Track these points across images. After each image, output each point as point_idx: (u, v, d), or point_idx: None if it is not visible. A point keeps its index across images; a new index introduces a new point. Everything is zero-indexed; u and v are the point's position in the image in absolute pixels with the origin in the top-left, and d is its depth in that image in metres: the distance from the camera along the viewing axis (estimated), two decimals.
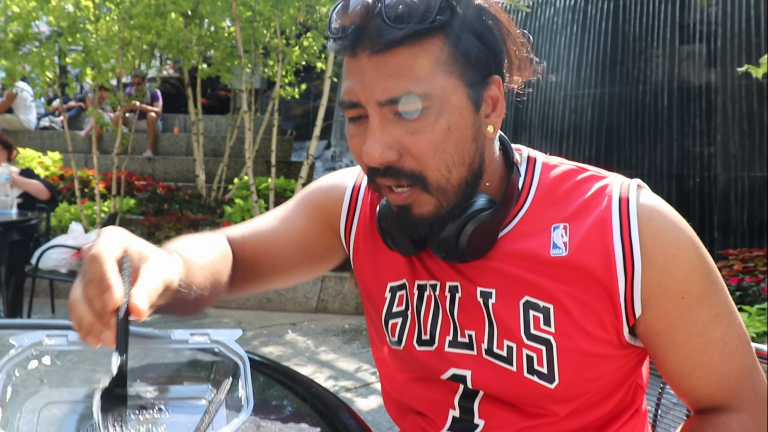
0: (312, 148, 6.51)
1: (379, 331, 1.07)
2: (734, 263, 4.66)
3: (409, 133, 0.85)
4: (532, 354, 0.92)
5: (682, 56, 6.18)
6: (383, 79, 0.83)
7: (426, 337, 1.00)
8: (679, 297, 0.89)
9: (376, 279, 1.07)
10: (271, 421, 0.85)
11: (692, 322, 0.90)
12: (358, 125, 0.89)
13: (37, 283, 4.90)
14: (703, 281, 0.91)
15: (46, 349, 0.79)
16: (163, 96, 9.53)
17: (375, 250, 1.07)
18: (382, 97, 0.83)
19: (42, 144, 9.22)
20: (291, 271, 1.15)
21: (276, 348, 4.53)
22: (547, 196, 0.97)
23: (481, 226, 0.90)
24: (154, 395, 0.85)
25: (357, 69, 0.85)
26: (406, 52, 0.83)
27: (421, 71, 0.83)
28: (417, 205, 0.89)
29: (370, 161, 0.86)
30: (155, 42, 6.69)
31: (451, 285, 0.98)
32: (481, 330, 0.95)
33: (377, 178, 0.89)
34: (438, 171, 0.86)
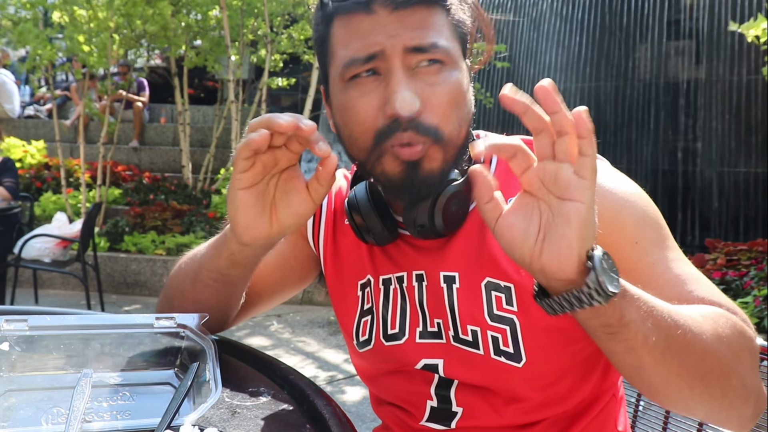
0: None
1: (349, 336, 1.07)
2: (718, 257, 4.68)
3: (429, 86, 0.87)
4: (496, 335, 0.92)
5: (668, 51, 6.19)
6: (410, 29, 0.86)
7: (394, 331, 1.00)
8: (632, 242, 0.89)
9: (344, 279, 1.07)
10: (247, 408, 0.84)
11: (652, 263, 0.88)
12: (367, 82, 0.88)
13: (20, 272, 4.86)
14: (656, 229, 0.91)
15: (5, 334, 0.77)
16: (149, 86, 9.44)
17: (340, 252, 1.08)
18: (410, 43, 0.85)
19: (27, 133, 9.13)
20: (275, 289, 1.15)
21: (261, 339, 4.51)
22: (504, 172, 0.97)
23: (454, 196, 0.91)
24: (118, 381, 0.83)
25: (375, 24, 0.86)
26: (424, 11, 0.87)
27: (440, 28, 0.88)
28: (428, 159, 0.88)
29: (404, 109, 0.84)
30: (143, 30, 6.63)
31: (417, 274, 0.98)
32: (447, 317, 0.96)
33: (395, 134, 0.87)
34: (452, 124, 0.88)
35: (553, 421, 0.98)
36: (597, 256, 0.66)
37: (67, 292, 5.68)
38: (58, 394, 0.80)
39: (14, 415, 0.75)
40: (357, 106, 0.89)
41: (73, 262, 4.73)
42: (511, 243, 0.68)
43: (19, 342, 0.78)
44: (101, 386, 0.82)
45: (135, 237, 6.04)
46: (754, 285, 4.13)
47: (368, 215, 0.96)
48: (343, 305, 1.08)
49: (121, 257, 5.80)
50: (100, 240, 5.90)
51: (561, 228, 0.65)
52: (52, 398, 0.79)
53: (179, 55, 7.37)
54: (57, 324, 0.81)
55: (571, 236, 0.64)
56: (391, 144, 0.87)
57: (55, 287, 5.74)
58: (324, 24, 0.92)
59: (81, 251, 4.57)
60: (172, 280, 1.07)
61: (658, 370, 0.73)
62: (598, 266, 0.65)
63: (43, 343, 0.81)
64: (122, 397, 0.81)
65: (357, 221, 0.98)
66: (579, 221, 0.64)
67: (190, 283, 1.00)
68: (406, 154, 0.87)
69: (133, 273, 5.77)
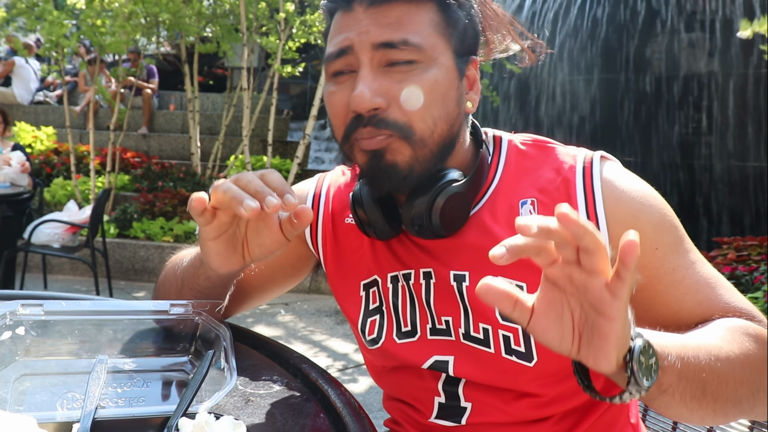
0: (309, 128, 6.47)
1: (356, 331, 1.07)
2: (728, 252, 4.65)
3: (398, 83, 0.86)
4: (508, 334, 0.92)
5: (681, 44, 6.14)
6: (381, 26, 0.85)
7: (407, 329, 1.00)
8: (652, 249, 0.89)
9: (346, 280, 1.06)
10: (260, 396, 0.84)
11: (672, 269, 0.89)
12: (341, 81, 0.90)
13: (29, 257, 4.88)
14: (673, 232, 0.91)
15: (21, 318, 0.77)
16: (159, 73, 9.44)
17: (341, 251, 1.07)
18: (378, 40, 0.85)
19: (36, 119, 9.15)
20: (264, 287, 1.15)
21: (268, 328, 4.52)
22: (514, 172, 0.97)
23: (454, 197, 0.90)
24: (133, 367, 0.83)
25: (351, 20, 0.87)
26: (403, 6, 0.86)
27: (417, 25, 0.86)
28: (390, 151, 0.88)
29: (359, 105, 0.85)
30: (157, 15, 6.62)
31: (425, 271, 0.98)
32: (457, 315, 0.95)
33: (358, 129, 0.88)
34: (424, 122, 0.87)
35: (564, 416, 0.98)
36: (636, 356, 0.65)
37: (76, 278, 5.71)
38: (72, 379, 0.80)
39: (29, 399, 0.76)
40: (332, 102, 0.91)
41: (82, 247, 4.74)
42: (548, 344, 0.66)
43: (35, 327, 0.78)
44: (116, 372, 0.82)
45: (144, 223, 6.05)
46: (764, 280, 4.10)
47: (370, 209, 0.96)
48: (347, 304, 1.07)
49: (129, 243, 5.82)
50: (109, 226, 5.92)
51: (597, 341, 0.63)
52: (66, 383, 0.79)
53: (190, 42, 7.35)
54: (72, 309, 0.81)
55: (609, 350, 0.63)
56: (355, 138, 0.89)
57: (64, 273, 5.77)
58: (328, 18, 0.95)
59: (90, 237, 4.59)
60: (160, 285, 1.08)
61: (694, 414, 0.75)
62: (636, 368, 0.65)
63: (57, 328, 0.81)
64: (136, 383, 0.81)
65: (360, 215, 0.98)
66: (616, 337, 0.63)
67: (175, 294, 1.01)
68: (365, 144, 0.89)
69: (141, 259, 5.79)
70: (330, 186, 1.12)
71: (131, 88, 8.27)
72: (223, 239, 0.84)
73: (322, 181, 1.14)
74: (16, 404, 0.74)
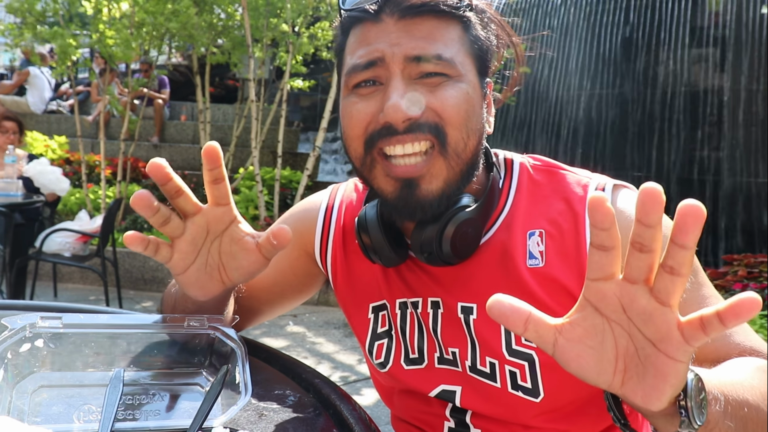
0: (319, 140, 6.50)
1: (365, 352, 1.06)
2: (738, 269, 4.63)
3: (431, 92, 0.85)
4: (515, 370, 0.90)
5: (692, 59, 6.14)
6: (414, 39, 0.84)
7: (414, 356, 0.99)
8: None
9: (356, 300, 1.05)
10: (274, 411, 0.84)
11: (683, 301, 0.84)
12: (364, 93, 0.87)
13: (40, 266, 4.91)
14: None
15: (40, 331, 0.78)
16: (171, 84, 9.51)
17: (352, 271, 1.05)
18: (411, 53, 0.84)
19: (49, 128, 9.22)
20: (272, 303, 1.13)
21: (277, 339, 4.52)
22: (525, 198, 0.95)
23: (464, 224, 0.88)
24: (149, 381, 0.84)
25: (380, 32, 0.86)
26: (433, 21, 0.85)
27: (448, 40, 0.86)
28: (429, 177, 0.85)
29: (393, 115, 0.83)
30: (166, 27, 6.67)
31: (433, 300, 0.96)
32: (464, 347, 0.94)
33: (387, 137, 0.85)
34: (459, 129, 0.86)
35: None
36: (691, 394, 0.58)
37: (86, 287, 5.73)
38: (88, 392, 0.81)
39: (46, 410, 0.76)
40: (353, 112, 0.88)
41: (93, 257, 4.76)
42: (582, 375, 0.59)
43: (53, 339, 0.79)
44: (131, 385, 0.83)
45: (154, 233, 6.08)
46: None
47: (376, 236, 0.94)
48: (356, 323, 1.06)
49: (139, 253, 5.81)
50: (119, 236, 5.95)
51: (652, 378, 0.56)
52: (82, 395, 0.80)
53: (202, 54, 7.41)
54: (90, 322, 0.81)
55: (664, 389, 0.56)
56: (380, 147, 0.86)
57: (74, 281, 5.79)
58: (342, 34, 0.93)
59: (101, 246, 4.61)
60: (163, 299, 1.06)
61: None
62: (692, 407, 0.58)
63: (72, 340, 0.82)
64: (152, 396, 0.81)
65: (365, 241, 0.96)
66: (677, 378, 0.56)
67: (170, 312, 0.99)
68: (402, 171, 0.85)
69: (151, 269, 5.81)
70: (342, 201, 1.10)
71: (143, 98, 8.33)
72: (193, 270, 0.82)
73: (334, 194, 1.11)
74: (33, 416, 0.75)
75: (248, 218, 6.53)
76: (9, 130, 4.81)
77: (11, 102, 9.26)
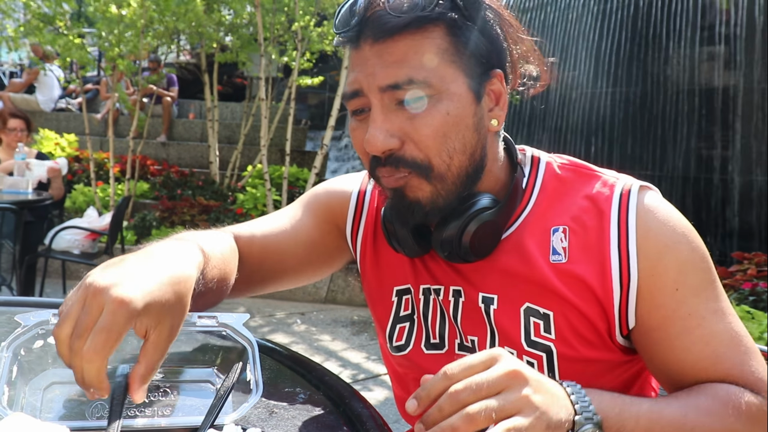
0: (327, 138, 6.50)
1: (383, 336, 1.07)
2: (749, 267, 4.61)
3: (409, 120, 0.85)
4: (532, 361, 0.91)
5: (702, 57, 6.11)
6: (385, 66, 0.84)
7: (435, 341, 1.00)
8: (672, 289, 0.86)
9: (381, 283, 1.07)
10: (284, 408, 0.84)
11: (688, 314, 0.86)
12: (360, 119, 0.90)
13: (49, 263, 4.93)
14: (699, 275, 0.88)
15: (52, 328, 0.78)
16: (179, 82, 9.54)
17: (380, 254, 1.07)
18: (383, 83, 0.84)
19: (58, 125, 9.26)
20: (298, 270, 1.14)
21: (284, 337, 4.53)
22: (549, 197, 0.96)
23: (484, 226, 0.90)
24: (160, 378, 0.84)
25: (360, 59, 0.87)
26: (408, 39, 0.84)
27: (423, 59, 0.84)
28: (410, 188, 0.88)
29: (372, 149, 0.86)
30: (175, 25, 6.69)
31: (455, 289, 0.98)
32: (483, 336, 0.95)
33: (377, 168, 0.89)
34: (439, 157, 0.86)
35: None
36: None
37: None
38: None
39: (58, 406, 0.77)
40: (355, 138, 0.92)
41: (102, 254, 4.78)
42: None
43: None
44: None
45: (162, 231, 6.10)
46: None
47: (401, 228, 0.96)
48: (378, 307, 1.08)
49: None
50: (127, 233, 5.97)
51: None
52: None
53: (210, 52, 7.43)
54: None
55: None
56: (376, 176, 0.91)
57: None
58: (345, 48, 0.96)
59: (109, 244, 4.63)
60: None
61: None
62: None
63: None
64: (163, 394, 0.82)
65: (390, 231, 0.99)
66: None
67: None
68: (386, 181, 0.89)
69: None
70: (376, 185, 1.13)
71: (151, 96, 8.36)
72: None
73: (368, 179, 1.13)
74: (46, 412, 0.75)
75: (256, 216, 6.54)
76: (16, 128, 4.81)
77: (21, 100, 9.31)
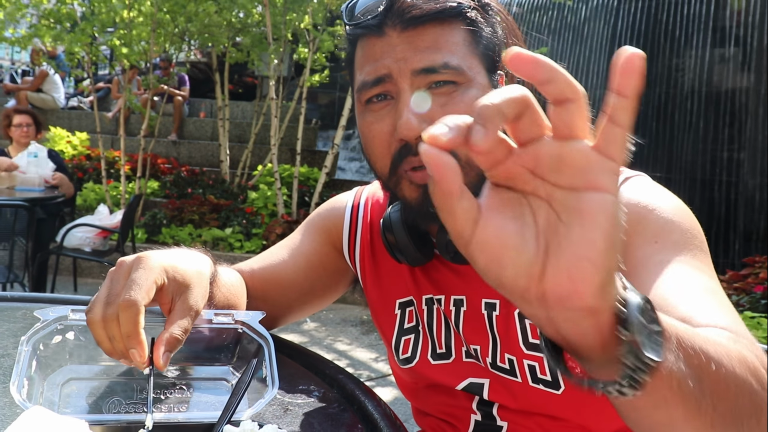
0: (337, 138, 6.51)
1: (390, 349, 1.07)
2: (760, 271, 4.58)
3: (441, 106, 0.84)
4: (533, 363, 0.91)
5: (713, 59, 6.08)
6: (419, 51, 0.83)
7: (442, 351, 1.00)
8: (652, 241, 0.80)
9: (383, 296, 1.06)
10: (299, 405, 0.85)
11: (661, 261, 0.77)
12: (377, 109, 0.87)
13: (61, 260, 4.96)
14: (684, 237, 0.80)
15: (71, 323, 0.79)
16: (190, 81, 9.57)
17: (379, 268, 1.06)
18: (417, 66, 0.83)
19: (70, 123, 9.31)
20: (303, 299, 1.13)
21: (294, 336, 4.54)
22: None
23: None
24: (176, 375, 0.85)
25: (385, 46, 0.85)
26: (437, 28, 0.84)
27: (453, 46, 0.84)
28: None
29: (408, 132, 0.83)
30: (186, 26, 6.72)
31: (456, 299, 0.97)
32: (485, 344, 0.95)
33: (408, 157, 0.85)
34: None
35: None
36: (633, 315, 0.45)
37: None
38: (116, 384, 0.82)
39: (75, 402, 0.77)
40: (372, 133, 0.88)
41: (113, 252, 4.81)
42: (498, 257, 0.45)
43: (83, 332, 0.80)
44: (159, 378, 0.84)
45: (173, 229, 6.12)
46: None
47: (401, 237, 0.95)
48: (382, 319, 1.07)
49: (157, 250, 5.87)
50: (138, 231, 6.00)
51: (576, 231, 0.42)
52: (110, 387, 0.81)
53: (221, 51, 7.45)
54: None
55: (595, 240, 0.41)
56: (404, 169, 0.87)
57: (94, 276, 5.84)
58: (350, 45, 0.92)
59: (120, 242, 4.66)
60: None
61: (689, 424, 0.51)
62: (637, 332, 0.44)
63: None
64: (179, 390, 0.82)
65: (390, 241, 0.97)
66: (607, 219, 0.41)
67: None
68: (419, 177, 0.86)
69: None
70: (368, 199, 1.11)
71: (162, 95, 8.39)
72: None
73: (360, 193, 1.13)
74: (63, 407, 0.76)
75: (266, 215, 6.56)
76: (22, 123, 4.79)
77: (38, 98, 9.35)
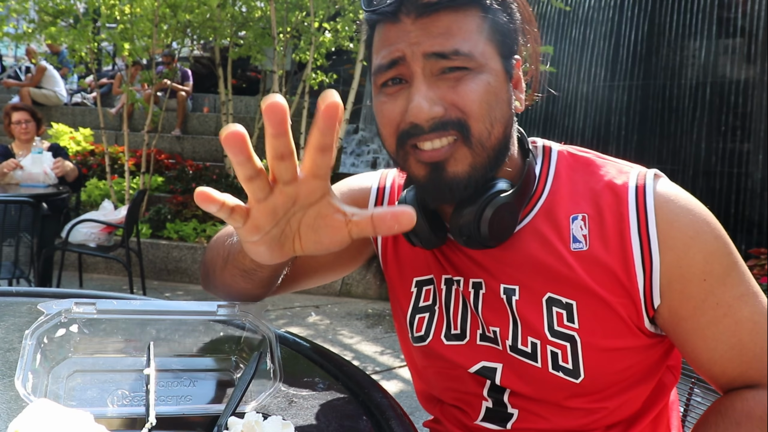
0: (341, 132, 6.50)
1: (403, 328, 1.08)
2: (765, 262, 4.57)
3: (452, 88, 0.86)
4: (556, 350, 0.92)
5: (719, 50, 6.05)
6: (431, 36, 0.85)
7: (456, 332, 1.00)
8: (700, 279, 0.88)
9: (401, 275, 1.07)
10: (303, 397, 0.85)
11: (717, 303, 0.88)
12: (391, 92, 0.89)
13: (66, 256, 4.97)
14: (723, 262, 0.89)
15: (74, 317, 0.79)
16: (193, 76, 9.57)
17: (400, 247, 1.08)
18: (429, 50, 0.85)
19: (74, 119, 9.32)
20: (325, 269, 1.16)
21: (299, 330, 4.54)
22: (565, 184, 0.96)
23: (502, 208, 0.90)
24: (180, 367, 0.85)
25: (399, 32, 0.87)
26: (450, 15, 0.86)
27: (466, 33, 0.86)
28: (453, 161, 0.87)
29: (418, 115, 0.85)
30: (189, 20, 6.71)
31: (475, 281, 0.98)
32: (505, 327, 0.95)
33: (417, 136, 0.87)
34: (482, 121, 0.86)
35: (609, 428, 0.98)
36: None
37: (110, 277, 5.80)
38: (120, 377, 0.82)
39: (80, 394, 0.77)
40: (384, 111, 0.91)
41: (117, 247, 4.82)
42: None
43: (87, 325, 0.80)
44: (163, 371, 0.84)
45: (177, 224, 6.13)
46: None
47: (418, 217, 0.95)
48: (400, 296, 1.08)
49: (162, 244, 5.89)
50: (142, 226, 6.01)
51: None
52: (115, 380, 0.81)
53: (224, 46, 7.44)
54: (123, 308, 0.82)
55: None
56: (412, 143, 0.88)
57: (99, 271, 5.86)
58: (369, 29, 0.94)
59: (125, 237, 4.66)
60: (210, 250, 1.08)
61: None
62: None
63: (103, 326, 0.83)
64: (183, 382, 0.82)
65: None
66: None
67: (221, 265, 1.00)
68: (428, 156, 0.88)
69: (174, 260, 5.86)
70: (394, 181, 1.13)
71: (166, 90, 8.38)
72: (265, 239, 0.72)
73: (385, 176, 1.14)
74: (68, 399, 0.76)
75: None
76: (20, 119, 4.80)
77: (40, 94, 9.36)
